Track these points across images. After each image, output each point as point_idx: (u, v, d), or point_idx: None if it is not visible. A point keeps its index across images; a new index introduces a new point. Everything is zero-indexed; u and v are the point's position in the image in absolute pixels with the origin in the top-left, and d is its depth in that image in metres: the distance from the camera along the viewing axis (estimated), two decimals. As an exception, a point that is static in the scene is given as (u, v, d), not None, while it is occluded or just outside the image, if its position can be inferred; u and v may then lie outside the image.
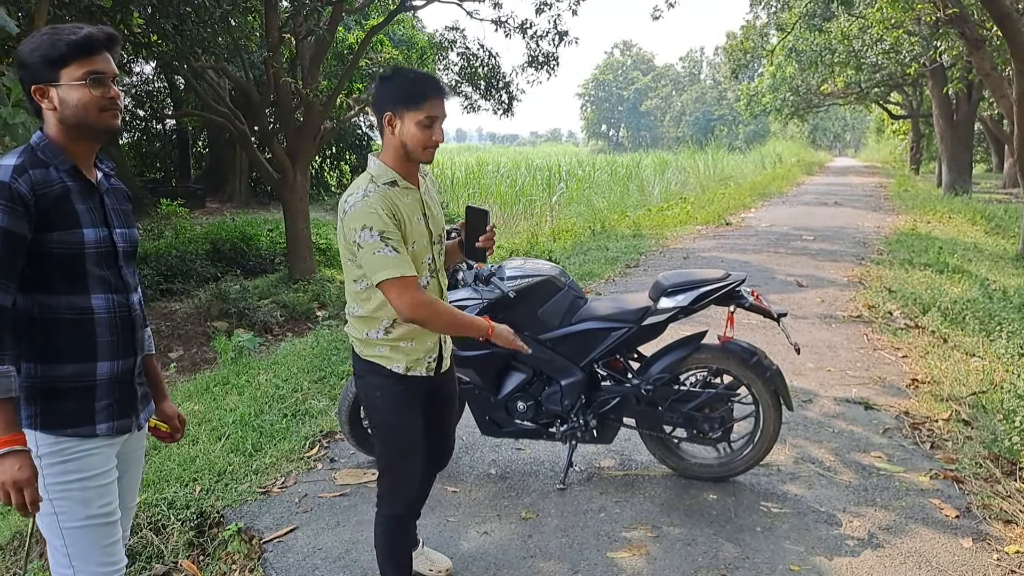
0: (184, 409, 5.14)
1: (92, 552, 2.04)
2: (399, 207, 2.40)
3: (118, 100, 2.01)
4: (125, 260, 2.11)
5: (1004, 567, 3.18)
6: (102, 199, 2.07)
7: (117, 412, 2.09)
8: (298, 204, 11.23)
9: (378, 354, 2.55)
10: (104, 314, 2.03)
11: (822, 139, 67.44)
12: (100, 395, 2.04)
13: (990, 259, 10.51)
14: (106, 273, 2.04)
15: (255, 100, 11.26)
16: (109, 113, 1.99)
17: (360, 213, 2.34)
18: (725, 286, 3.79)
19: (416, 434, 2.63)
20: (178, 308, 9.99)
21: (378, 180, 2.42)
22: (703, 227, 15.07)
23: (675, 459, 4.01)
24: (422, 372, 2.58)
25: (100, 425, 2.04)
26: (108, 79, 1.98)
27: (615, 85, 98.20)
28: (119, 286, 2.08)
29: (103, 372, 2.04)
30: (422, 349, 2.56)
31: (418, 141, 2.37)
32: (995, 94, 11.35)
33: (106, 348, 2.04)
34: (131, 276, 2.14)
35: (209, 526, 3.59)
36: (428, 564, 3.17)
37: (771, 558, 3.27)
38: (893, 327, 6.95)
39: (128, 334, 2.10)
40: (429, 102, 2.35)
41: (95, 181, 2.06)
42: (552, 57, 13.60)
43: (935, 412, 4.85)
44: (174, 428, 2.42)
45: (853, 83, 26.09)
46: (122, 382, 2.10)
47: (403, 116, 2.36)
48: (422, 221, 2.51)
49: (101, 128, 2.00)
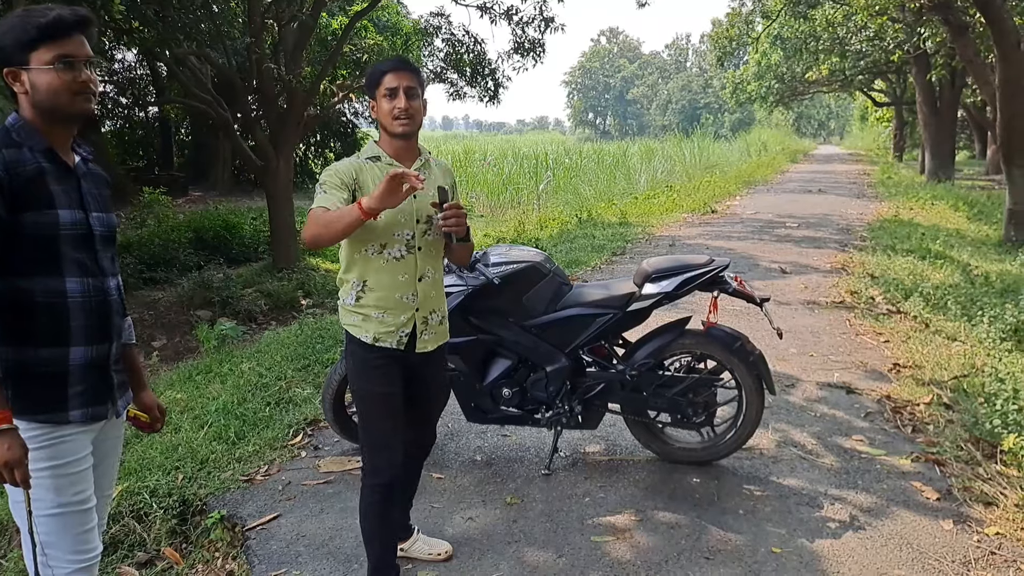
0: (167, 398, 5.11)
1: (65, 540, 2.02)
2: (366, 175, 2.58)
3: (91, 84, 1.97)
4: (102, 245, 2.08)
5: (984, 548, 3.21)
6: (79, 182, 2.03)
7: (92, 399, 2.05)
8: (282, 192, 11.15)
9: (351, 323, 2.67)
10: (79, 298, 1.99)
11: (807, 127, 67.74)
12: (74, 381, 2.01)
13: (972, 245, 10.59)
14: (82, 256, 2.00)
15: (238, 87, 11.16)
16: (82, 97, 1.95)
17: (323, 174, 2.60)
18: (709, 271, 3.80)
19: (393, 402, 2.69)
20: (161, 297, 9.92)
21: (361, 155, 2.67)
22: (689, 215, 15.11)
23: (659, 444, 4.03)
24: (391, 344, 2.64)
25: (73, 412, 2.01)
26: (80, 63, 1.94)
27: (602, 73, 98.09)
28: (95, 270, 2.04)
29: (77, 357, 2.00)
30: (393, 323, 2.64)
31: (386, 113, 2.57)
32: (978, 81, 11.42)
33: (80, 333, 2.00)
34: (108, 262, 2.11)
35: (192, 514, 3.58)
36: (427, 549, 3.18)
37: (753, 541, 3.29)
38: (875, 313, 6.99)
39: (104, 320, 2.07)
40: (386, 76, 2.56)
41: (72, 164, 2.03)
42: (538, 44, 13.52)
43: (916, 396, 4.88)
44: (154, 418, 2.40)
45: (837, 71, 26.15)
46: (97, 368, 2.07)
47: (376, 98, 2.60)
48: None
49: (74, 113, 1.97)
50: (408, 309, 2.64)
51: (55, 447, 1.98)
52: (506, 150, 30.29)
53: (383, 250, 2.59)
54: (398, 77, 2.55)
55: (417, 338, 2.69)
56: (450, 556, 3.19)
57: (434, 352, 2.79)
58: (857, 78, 27.21)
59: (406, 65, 2.61)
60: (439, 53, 14.60)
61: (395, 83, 2.54)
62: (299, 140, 12.40)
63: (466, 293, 3.74)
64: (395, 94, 2.54)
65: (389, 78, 2.55)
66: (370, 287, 2.61)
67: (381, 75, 2.57)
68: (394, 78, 2.55)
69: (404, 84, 2.55)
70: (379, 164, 2.63)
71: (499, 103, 14.76)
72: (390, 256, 2.60)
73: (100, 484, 2.19)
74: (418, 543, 3.19)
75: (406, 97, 2.55)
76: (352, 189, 2.55)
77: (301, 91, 10.77)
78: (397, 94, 2.54)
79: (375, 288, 2.61)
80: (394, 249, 2.59)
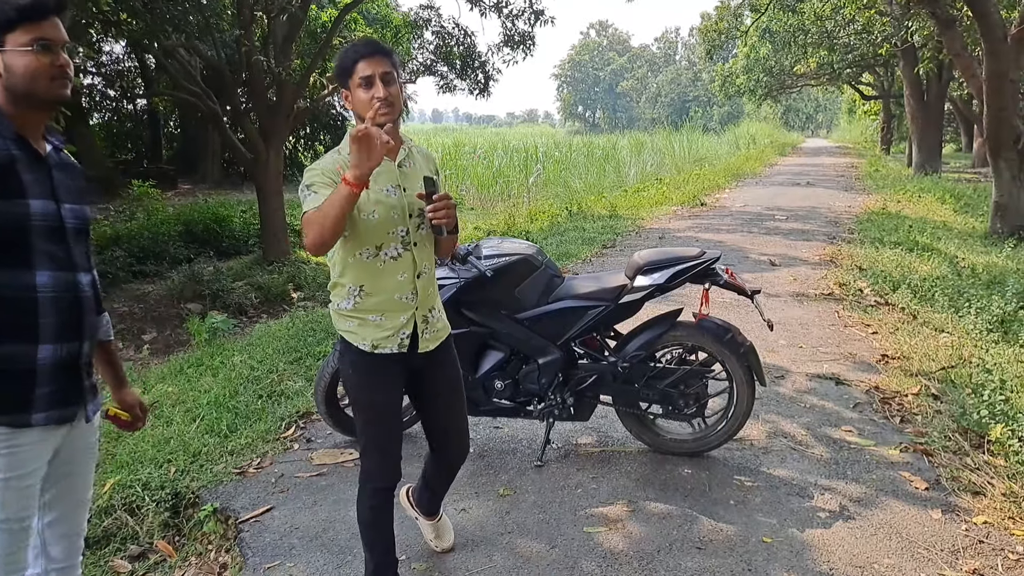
0: (158, 391, 5.11)
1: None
2: None
3: (68, 69, 1.90)
4: (74, 238, 1.98)
5: (972, 537, 3.25)
6: (50, 172, 1.94)
7: (59, 401, 1.93)
8: (272, 185, 11.12)
9: (347, 329, 2.54)
10: (49, 292, 1.88)
11: (795, 120, 67.86)
12: (41, 381, 1.88)
13: (959, 237, 10.66)
14: (53, 249, 1.90)
15: (227, 79, 11.09)
16: (59, 82, 1.88)
17: (306, 175, 2.43)
18: (700, 264, 3.81)
19: (390, 409, 2.59)
20: (151, 290, 9.88)
21: (342, 150, 2.46)
22: (678, 208, 15.14)
23: (651, 435, 4.05)
24: (392, 349, 2.52)
25: (37, 415, 1.88)
26: (57, 46, 1.87)
27: (591, 66, 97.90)
28: (67, 264, 1.94)
29: (45, 356, 1.89)
30: (391, 325, 2.51)
31: (364, 104, 2.36)
32: (965, 74, 11.47)
33: (50, 330, 1.89)
34: (81, 256, 2.00)
35: (184, 507, 3.58)
36: (432, 534, 3.20)
37: (744, 531, 3.32)
38: (863, 304, 7.04)
39: (75, 317, 1.96)
40: (359, 64, 2.37)
41: (44, 154, 1.94)
42: (528, 37, 13.51)
43: (905, 387, 4.93)
44: (135, 417, 2.33)
45: (826, 64, 26.24)
46: (66, 368, 1.95)
47: (350, 88, 2.41)
48: (395, 192, 2.48)
49: (50, 98, 1.89)
50: (407, 309, 2.52)
51: (11, 456, 1.85)
52: (496, 143, 30.26)
53: (379, 251, 2.45)
54: (372, 63, 2.36)
55: (419, 338, 2.56)
56: (448, 551, 3.20)
57: (438, 351, 2.67)
58: (845, 71, 27.29)
59: (379, 49, 2.41)
60: (429, 45, 14.57)
61: (369, 71, 2.35)
62: (289, 133, 12.33)
63: (458, 286, 3.75)
64: (371, 82, 2.35)
65: (363, 66, 2.36)
66: (367, 291, 2.48)
67: (353, 63, 2.38)
68: (367, 65, 2.36)
69: (380, 71, 2.35)
70: None
71: (489, 96, 14.76)
72: (387, 257, 2.46)
73: (76, 491, 2.12)
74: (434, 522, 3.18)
75: (383, 84, 2.35)
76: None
77: (291, 84, 10.73)
78: (373, 82, 2.35)
79: (373, 292, 2.48)
80: (390, 248, 2.46)
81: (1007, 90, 10.07)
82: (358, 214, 2.39)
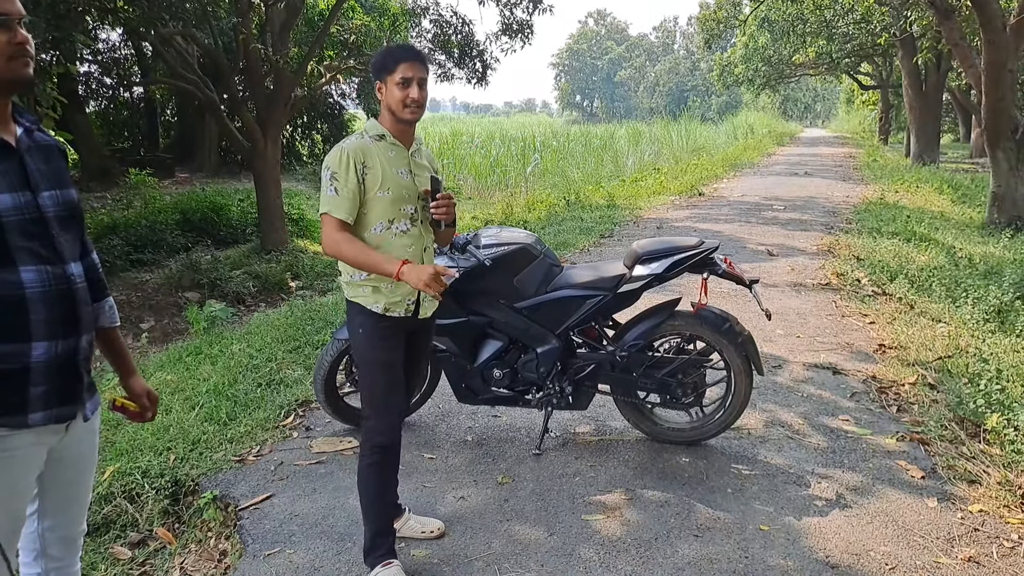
0: (157, 379, 5.11)
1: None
2: (375, 156, 2.72)
3: (27, 46, 1.75)
4: (60, 227, 1.84)
5: (968, 525, 3.28)
6: (21, 160, 1.79)
7: (57, 399, 1.84)
8: (269, 174, 11.10)
9: (361, 294, 2.81)
10: (37, 288, 1.76)
11: (793, 110, 67.77)
12: (36, 380, 1.78)
13: (956, 227, 10.68)
14: (34, 243, 1.76)
15: (224, 67, 11.07)
16: (19, 61, 1.74)
17: (330, 155, 2.72)
18: (699, 253, 3.82)
19: (396, 368, 2.85)
20: (149, 278, 9.89)
21: (367, 133, 2.80)
22: (676, 198, 15.14)
23: (649, 424, 4.07)
24: (400, 313, 2.81)
25: (34, 415, 1.79)
26: (14, 21, 1.72)
27: (589, 55, 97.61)
28: (52, 257, 1.80)
29: (39, 354, 1.78)
30: (400, 292, 2.79)
31: (397, 100, 2.69)
32: (963, 64, 11.45)
33: (42, 327, 1.77)
34: (68, 245, 1.87)
35: (184, 494, 3.59)
36: (419, 527, 3.23)
37: (742, 519, 3.34)
38: (861, 294, 7.06)
39: (68, 311, 1.83)
40: (401, 65, 2.67)
41: (14, 140, 1.79)
42: (526, 25, 13.48)
43: (902, 376, 4.95)
44: (143, 407, 2.22)
45: (824, 53, 26.16)
46: (63, 366, 1.84)
47: (386, 82, 2.71)
48: (407, 175, 2.79)
49: (12, 79, 1.75)
50: None
51: (6, 458, 1.78)
52: (494, 132, 30.22)
53: (391, 225, 2.75)
54: (413, 68, 2.67)
55: (420, 305, 2.86)
56: (442, 533, 3.23)
57: (430, 319, 2.98)
58: (844, 61, 27.23)
59: (421, 57, 2.74)
60: (427, 34, 14.54)
61: (410, 73, 2.66)
62: (286, 121, 12.31)
63: (457, 275, 3.75)
64: (409, 84, 2.67)
65: (405, 68, 2.66)
66: None
67: (396, 62, 2.67)
68: (409, 68, 2.66)
69: (418, 76, 2.68)
70: (384, 143, 2.77)
71: (487, 85, 14.73)
72: (397, 230, 2.76)
73: (75, 496, 2.06)
74: (410, 522, 3.24)
75: (419, 88, 2.69)
76: (361, 174, 2.68)
77: (288, 72, 10.71)
78: (411, 84, 2.67)
79: None
80: (400, 223, 2.77)
81: (1005, 80, 10.06)
82: (375, 191, 2.70)
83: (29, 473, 1.86)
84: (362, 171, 2.68)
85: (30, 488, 1.89)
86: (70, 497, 2.05)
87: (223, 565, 3.13)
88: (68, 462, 1.98)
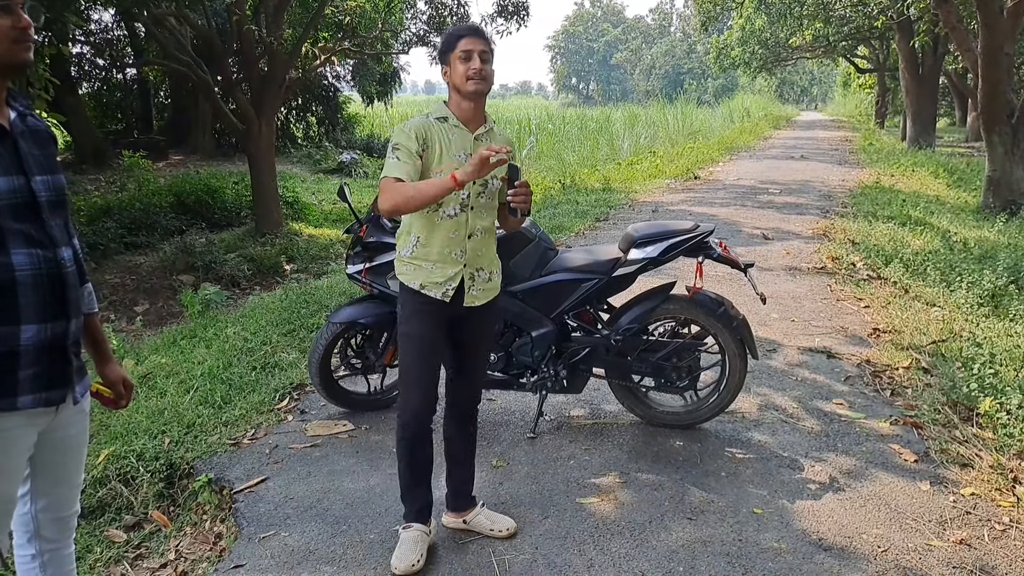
0: (151, 362, 5.11)
1: None
2: (435, 135, 2.74)
3: (29, 30, 1.77)
4: (50, 211, 1.86)
5: (960, 508, 3.30)
6: (15, 143, 1.80)
7: (46, 383, 1.85)
8: (264, 156, 11.05)
9: (403, 271, 2.85)
10: (27, 271, 1.77)
11: (789, 93, 67.53)
12: (25, 363, 1.79)
13: (952, 212, 10.69)
14: (27, 226, 1.78)
15: (218, 49, 10.98)
16: (22, 45, 1.75)
17: (395, 132, 2.76)
18: (694, 237, 3.81)
19: (431, 346, 2.85)
20: (143, 262, 9.85)
21: (431, 115, 2.82)
22: (672, 181, 15.11)
23: (643, 408, 4.08)
24: (436, 295, 2.79)
25: (23, 397, 1.80)
26: (17, 6, 1.73)
27: (585, 37, 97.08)
28: (44, 240, 1.82)
29: (29, 337, 1.79)
30: (440, 275, 2.79)
31: (460, 74, 2.70)
32: (960, 48, 11.42)
33: (31, 310, 1.78)
34: (59, 229, 1.89)
35: (179, 478, 3.60)
36: (488, 524, 3.14)
37: (735, 502, 3.35)
38: (856, 278, 7.07)
39: (58, 294, 1.85)
40: (462, 40, 2.71)
41: (8, 124, 1.80)
42: (522, 7, 13.38)
43: (896, 361, 4.96)
44: (118, 394, 2.23)
45: (821, 36, 26.05)
46: (52, 349, 1.85)
47: (450, 62, 2.74)
48: (464, 159, 2.73)
49: (13, 62, 1.77)
50: (456, 264, 2.80)
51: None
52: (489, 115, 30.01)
53: (439, 208, 2.75)
54: (472, 42, 2.70)
55: (465, 292, 2.84)
56: (512, 534, 3.11)
57: (482, 307, 2.92)
58: (840, 44, 27.16)
59: (481, 32, 2.78)
60: (422, 16, 14.44)
61: (470, 46, 2.69)
62: (281, 104, 12.23)
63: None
64: (470, 56, 2.69)
65: (465, 42, 2.69)
66: (423, 242, 2.79)
67: (457, 39, 2.72)
68: (469, 42, 2.70)
69: (479, 48, 2.70)
70: (446, 125, 2.78)
71: (483, 67, 14.60)
72: (444, 214, 2.76)
73: (67, 477, 2.08)
74: (479, 516, 3.15)
75: (480, 60, 2.70)
76: (422, 150, 2.70)
77: (283, 54, 10.63)
78: (472, 56, 2.69)
79: (427, 243, 2.78)
80: (449, 208, 2.75)
81: (1002, 64, 10.04)
82: (432, 170, 2.71)
83: (19, 455, 1.87)
84: (422, 145, 2.70)
85: (20, 470, 1.90)
86: (61, 479, 2.06)
87: (218, 548, 3.14)
88: (59, 444, 2.00)
